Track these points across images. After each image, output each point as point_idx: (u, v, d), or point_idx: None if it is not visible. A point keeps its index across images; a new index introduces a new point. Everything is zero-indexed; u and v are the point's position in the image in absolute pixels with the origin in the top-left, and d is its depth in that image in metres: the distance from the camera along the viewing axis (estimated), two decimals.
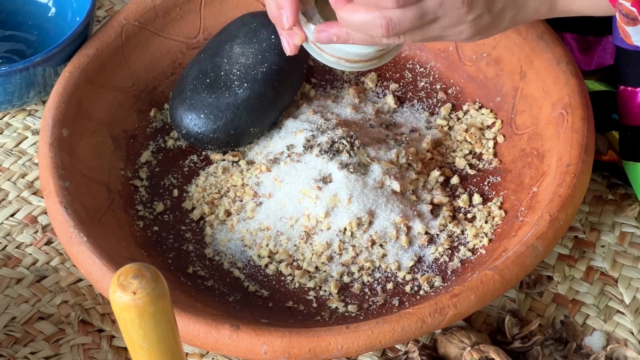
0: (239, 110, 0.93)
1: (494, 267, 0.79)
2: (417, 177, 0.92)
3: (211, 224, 0.91)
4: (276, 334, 0.76)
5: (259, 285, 0.87)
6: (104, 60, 0.96)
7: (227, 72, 0.95)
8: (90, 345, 0.84)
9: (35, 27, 1.06)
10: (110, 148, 0.94)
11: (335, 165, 0.88)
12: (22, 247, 0.91)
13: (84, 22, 0.96)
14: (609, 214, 0.93)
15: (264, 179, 0.91)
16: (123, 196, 0.92)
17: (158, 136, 0.98)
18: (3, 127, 1.01)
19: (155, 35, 1.00)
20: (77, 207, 0.84)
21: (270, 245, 0.88)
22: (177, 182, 0.94)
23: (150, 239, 0.90)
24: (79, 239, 0.81)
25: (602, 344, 0.84)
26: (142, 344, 0.63)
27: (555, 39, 0.94)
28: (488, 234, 0.89)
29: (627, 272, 0.89)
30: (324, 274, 0.87)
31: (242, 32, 0.97)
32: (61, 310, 0.86)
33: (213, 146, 0.94)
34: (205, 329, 0.76)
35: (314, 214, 0.87)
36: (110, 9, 1.13)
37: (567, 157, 0.86)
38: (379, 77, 1.02)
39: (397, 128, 0.97)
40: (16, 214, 0.93)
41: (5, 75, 0.93)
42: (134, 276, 0.59)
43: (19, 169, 0.97)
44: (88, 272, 0.81)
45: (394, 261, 0.87)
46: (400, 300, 0.85)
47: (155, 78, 1.00)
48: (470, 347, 0.79)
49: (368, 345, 0.76)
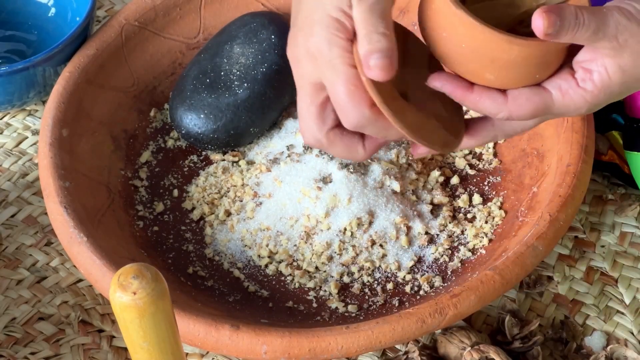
0: (239, 110, 0.93)
1: (494, 267, 0.79)
2: (417, 177, 0.92)
3: (211, 224, 0.91)
4: (276, 334, 0.76)
5: (259, 286, 0.87)
6: (104, 60, 0.96)
7: (227, 72, 0.95)
8: (90, 346, 0.84)
9: (35, 27, 1.06)
10: (110, 148, 0.94)
11: (335, 165, 0.88)
12: (22, 247, 0.91)
13: (84, 22, 0.96)
14: (609, 214, 0.93)
15: (264, 179, 0.91)
16: (123, 196, 0.92)
17: (158, 136, 0.98)
18: (3, 127, 1.01)
19: (155, 35, 1.00)
20: (77, 207, 0.84)
21: (270, 245, 0.88)
22: (177, 182, 0.94)
23: (150, 239, 0.90)
24: (79, 239, 0.81)
25: (602, 344, 0.84)
26: (142, 344, 0.63)
27: None
28: (488, 234, 0.89)
29: (627, 272, 0.89)
30: (324, 274, 0.87)
31: (242, 32, 0.97)
32: (61, 311, 0.86)
33: (213, 146, 0.94)
34: (205, 329, 0.76)
35: (314, 214, 0.87)
36: (110, 9, 1.13)
37: (567, 157, 0.86)
38: None
39: None
40: (16, 214, 0.93)
41: (5, 75, 0.93)
42: (134, 276, 0.59)
43: (19, 169, 0.97)
44: (88, 272, 0.81)
45: (394, 261, 0.87)
46: (400, 300, 0.85)
47: (155, 78, 1.00)
48: (470, 347, 0.79)
49: (368, 345, 0.76)
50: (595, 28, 0.68)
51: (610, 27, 0.69)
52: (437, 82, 0.72)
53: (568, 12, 0.68)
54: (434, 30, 0.71)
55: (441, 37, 0.71)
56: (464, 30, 0.70)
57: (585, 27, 0.68)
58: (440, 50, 0.71)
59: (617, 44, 0.69)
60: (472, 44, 0.69)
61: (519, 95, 0.71)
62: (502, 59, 0.69)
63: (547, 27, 0.67)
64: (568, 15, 0.68)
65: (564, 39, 0.68)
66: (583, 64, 0.71)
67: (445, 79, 0.71)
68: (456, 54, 0.71)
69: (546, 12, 0.67)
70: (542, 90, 0.71)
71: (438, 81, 0.72)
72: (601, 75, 0.70)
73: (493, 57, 0.69)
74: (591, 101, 0.71)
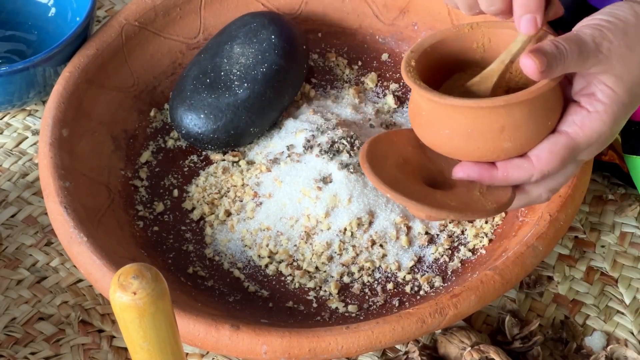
0: (239, 110, 0.93)
1: (494, 267, 0.79)
2: None
3: (211, 224, 0.91)
4: (276, 334, 0.76)
5: (259, 286, 0.87)
6: (104, 60, 0.96)
7: (227, 72, 0.95)
8: (90, 346, 0.84)
9: (35, 27, 1.06)
10: (110, 148, 0.94)
11: (335, 165, 0.88)
12: (22, 247, 0.91)
13: (84, 22, 0.96)
14: (609, 214, 0.93)
15: (264, 179, 0.91)
16: (123, 196, 0.92)
17: (158, 136, 0.98)
18: (3, 127, 1.01)
19: (155, 35, 1.00)
20: (77, 207, 0.84)
21: (270, 245, 0.88)
22: (177, 182, 0.94)
23: (150, 239, 0.90)
24: (79, 239, 0.81)
25: (602, 344, 0.84)
26: (142, 344, 0.63)
27: None
28: (488, 234, 0.89)
29: (627, 272, 0.89)
30: (324, 274, 0.87)
31: (242, 32, 0.97)
32: (61, 311, 0.86)
33: (213, 146, 0.94)
34: (205, 329, 0.76)
35: (314, 214, 0.87)
36: (110, 9, 1.13)
37: None
38: (379, 77, 1.02)
39: (397, 128, 0.97)
40: (16, 214, 0.93)
41: (5, 75, 0.93)
42: (134, 276, 0.59)
43: (19, 169, 0.97)
44: (88, 272, 0.81)
45: (394, 261, 0.87)
46: (401, 300, 0.85)
47: (155, 78, 1.00)
48: (471, 347, 0.79)
49: (368, 345, 0.76)
50: (578, 50, 0.69)
51: (589, 44, 0.69)
52: (461, 173, 0.73)
53: (548, 46, 0.69)
54: (435, 133, 0.73)
55: (444, 136, 0.72)
56: (463, 117, 0.70)
57: (569, 52, 0.69)
58: (450, 148, 0.73)
59: (602, 56, 0.69)
60: (477, 125, 0.70)
61: (540, 153, 0.71)
62: (510, 123, 0.69)
63: (539, 65, 0.67)
64: (550, 49, 0.68)
65: (557, 72, 0.68)
66: (583, 92, 0.71)
67: (467, 168, 0.72)
68: (467, 145, 0.71)
69: (531, 53, 0.68)
70: (560, 136, 0.71)
71: (462, 172, 0.73)
72: (604, 91, 0.70)
73: (501, 126, 0.70)
74: (609, 120, 0.70)
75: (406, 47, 1.03)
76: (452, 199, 0.72)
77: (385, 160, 0.75)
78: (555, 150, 0.71)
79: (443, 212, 0.71)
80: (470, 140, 0.71)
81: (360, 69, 1.03)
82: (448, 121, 0.71)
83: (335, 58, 1.03)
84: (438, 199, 0.72)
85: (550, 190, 0.74)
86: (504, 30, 0.75)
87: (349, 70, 1.03)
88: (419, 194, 0.72)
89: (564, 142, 0.71)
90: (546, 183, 0.74)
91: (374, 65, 1.03)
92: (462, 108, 0.70)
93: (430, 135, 0.73)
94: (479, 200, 0.73)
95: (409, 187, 0.72)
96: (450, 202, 0.72)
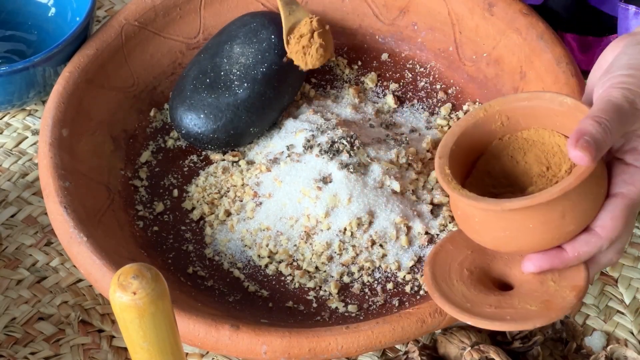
0: (239, 110, 0.93)
1: None
2: (417, 177, 0.91)
3: (211, 224, 0.91)
4: (276, 334, 0.76)
5: (259, 285, 0.87)
6: (104, 60, 0.96)
7: (227, 72, 0.95)
8: (90, 346, 0.84)
9: (35, 27, 1.06)
10: (110, 148, 0.94)
11: (335, 165, 0.88)
12: (22, 247, 0.91)
13: (84, 22, 0.96)
14: None
15: (264, 179, 0.91)
16: (123, 196, 0.92)
17: (158, 136, 0.98)
18: (3, 127, 1.01)
19: (155, 35, 1.00)
20: (77, 207, 0.84)
21: (270, 245, 0.88)
22: (177, 182, 0.94)
23: (150, 239, 0.90)
24: (79, 239, 0.81)
25: (602, 344, 0.84)
26: (142, 344, 0.63)
27: (556, 39, 0.94)
28: None
29: (627, 272, 0.89)
30: (324, 274, 0.87)
31: (242, 32, 0.97)
32: (61, 311, 0.86)
33: (213, 146, 0.94)
34: (205, 329, 0.76)
35: (314, 214, 0.87)
36: (110, 9, 1.13)
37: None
38: (379, 77, 1.02)
39: (397, 128, 0.97)
40: (16, 214, 0.93)
41: (5, 75, 0.93)
42: (134, 276, 0.59)
43: (19, 169, 0.97)
44: (88, 272, 0.81)
45: (394, 261, 0.87)
46: (401, 300, 0.85)
47: (155, 78, 1.00)
48: (470, 347, 0.79)
49: (368, 345, 0.76)
50: (618, 118, 0.67)
51: (625, 106, 0.68)
52: (532, 267, 0.72)
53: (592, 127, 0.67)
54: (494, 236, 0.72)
55: (505, 238, 0.71)
56: (521, 216, 0.70)
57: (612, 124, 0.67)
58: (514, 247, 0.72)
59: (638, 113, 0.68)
60: (537, 219, 0.70)
61: (604, 223, 0.70)
62: (569, 206, 0.69)
63: (592, 154, 0.66)
64: (595, 131, 0.67)
65: (606, 149, 0.67)
66: (624, 148, 0.71)
67: (537, 260, 0.72)
68: (531, 240, 0.71)
69: (576, 141, 0.66)
70: (616, 199, 0.70)
71: (532, 266, 0.72)
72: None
73: (561, 213, 0.69)
74: None
75: (406, 47, 1.03)
76: (529, 300, 0.72)
77: (449, 278, 0.75)
78: (616, 216, 0.70)
79: (528, 323, 0.70)
80: (534, 234, 0.70)
81: (360, 68, 1.03)
82: (506, 223, 0.70)
83: (335, 58, 1.03)
84: (516, 306, 0.71)
85: (619, 252, 0.74)
86: (519, 104, 0.75)
87: (349, 70, 1.03)
88: (496, 306, 0.72)
89: (622, 205, 0.70)
90: (614, 247, 0.73)
91: (374, 65, 1.03)
92: (520, 208, 0.69)
93: (488, 239, 0.73)
94: (556, 293, 0.72)
95: (481, 303, 0.72)
96: (530, 306, 0.71)
